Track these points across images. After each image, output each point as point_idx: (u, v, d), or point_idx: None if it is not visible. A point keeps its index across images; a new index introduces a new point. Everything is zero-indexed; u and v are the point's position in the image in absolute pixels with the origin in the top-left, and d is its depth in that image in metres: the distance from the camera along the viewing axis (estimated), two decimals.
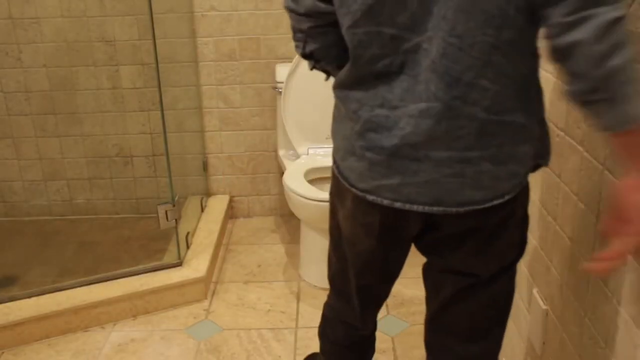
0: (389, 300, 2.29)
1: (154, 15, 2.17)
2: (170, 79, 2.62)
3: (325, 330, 1.53)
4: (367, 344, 1.51)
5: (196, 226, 2.70)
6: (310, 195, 2.19)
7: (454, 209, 1.09)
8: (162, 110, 2.28)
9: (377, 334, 2.10)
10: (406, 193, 1.09)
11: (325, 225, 2.23)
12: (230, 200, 3.00)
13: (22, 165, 2.94)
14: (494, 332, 1.32)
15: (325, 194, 2.35)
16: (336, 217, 1.31)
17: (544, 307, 1.48)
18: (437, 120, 1.00)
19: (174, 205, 2.32)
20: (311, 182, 2.44)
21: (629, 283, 1.07)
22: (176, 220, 2.34)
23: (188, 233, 2.52)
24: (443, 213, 1.10)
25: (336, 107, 1.18)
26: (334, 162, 1.22)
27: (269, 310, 2.27)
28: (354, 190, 1.15)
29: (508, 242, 1.20)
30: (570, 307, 1.32)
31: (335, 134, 1.19)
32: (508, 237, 1.19)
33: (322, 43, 1.19)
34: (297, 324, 2.19)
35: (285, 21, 2.69)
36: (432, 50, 0.98)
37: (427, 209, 1.09)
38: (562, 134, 1.35)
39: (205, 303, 2.32)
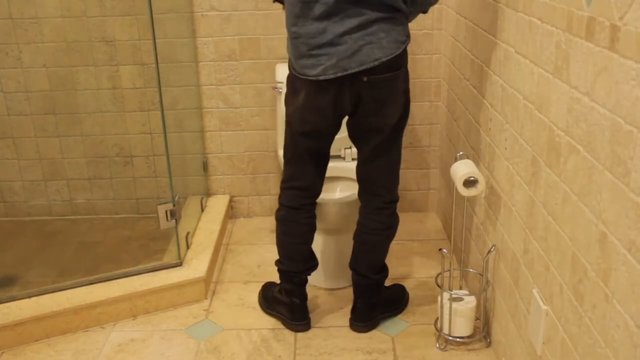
0: None
1: (154, 15, 2.17)
2: (170, 79, 2.62)
3: (280, 200, 2.08)
4: (313, 207, 2.09)
5: (196, 226, 2.70)
6: None
7: (371, 64, 1.76)
8: (162, 110, 2.28)
9: (377, 334, 2.11)
10: (342, 65, 1.77)
11: (324, 225, 2.24)
12: (230, 200, 3.00)
13: (22, 165, 2.94)
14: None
15: (323, 195, 2.35)
16: (295, 104, 1.91)
17: (544, 307, 1.48)
18: (354, 18, 1.73)
19: (174, 205, 2.32)
20: None
21: (629, 283, 1.07)
22: (176, 220, 2.34)
23: (188, 233, 2.51)
24: (366, 69, 1.77)
25: (288, 32, 1.84)
26: (290, 66, 1.88)
27: None
28: (310, 78, 1.80)
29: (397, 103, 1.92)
30: (570, 307, 1.33)
31: (289, 48, 1.86)
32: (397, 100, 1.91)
33: None
34: None
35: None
36: None
37: (358, 69, 1.77)
38: (562, 134, 1.35)
39: (205, 303, 2.32)
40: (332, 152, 2.19)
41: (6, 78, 2.80)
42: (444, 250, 2.05)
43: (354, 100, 1.85)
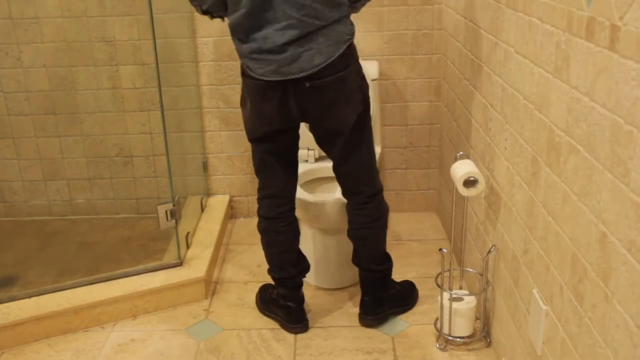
0: None
1: (154, 15, 2.17)
2: (170, 79, 2.62)
3: (258, 212, 2.10)
4: (291, 214, 2.09)
5: (196, 226, 2.70)
6: (307, 197, 2.20)
7: (311, 70, 1.77)
8: (162, 110, 2.28)
9: (377, 334, 2.11)
10: (282, 71, 1.78)
11: (323, 224, 2.24)
12: (230, 200, 3.00)
13: (22, 165, 2.94)
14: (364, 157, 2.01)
15: (324, 195, 2.36)
16: (246, 112, 1.96)
17: (544, 307, 1.48)
18: (294, 28, 1.74)
19: (174, 205, 2.32)
20: (309, 183, 2.44)
21: (629, 283, 1.07)
22: (176, 220, 2.34)
23: (188, 233, 2.51)
24: (307, 75, 1.78)
25: (232, 37, 1.86)
26: (243, 68, 1.88)
27: None
28: (254, 75, 1.82)
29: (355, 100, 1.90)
30: (570, 307, 1.33)
31: (239, 51, 1.87)
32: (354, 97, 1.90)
33: (211, 2, 1.84)
34: None
35: None
36: None
37: (297, 75, 1.79)
38: (562, 134, 1.35)
39: (205, 303, 2.32)
40: None
41: (6, 78, 2.80)
42: (444, 250, 2.05)
43: (301, 107, 1.86)
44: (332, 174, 2.39)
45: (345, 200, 2.19)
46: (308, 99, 1.84)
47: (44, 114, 2.86)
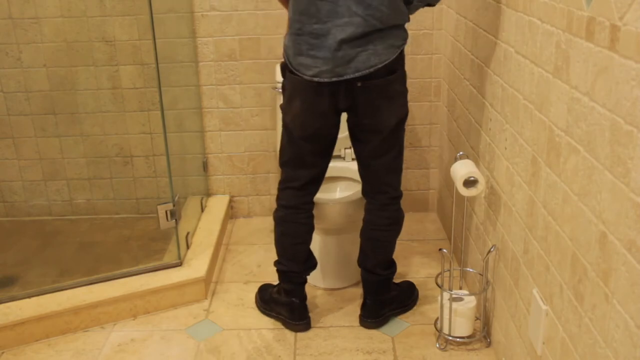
0: None
1: (154, 15, 2.17)
2: (170, 79, 2.62)
3: (278, 200, 2.10)
4: (311, 207, 2.10)
5: (196, 226, 2.70)
6: None
7: (366, 71, 1.80)
8: (162, 110, 2.28)
9: (377, 333, 2.11)
10: (337, 71, 1.80)
11: (323, 224, 2.24)
12: (230, 200, 3.00)
13: (22, 165, 2.94)
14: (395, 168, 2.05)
15: (324, 195, 2.35)
16: (294, 110, 1.92)
17: (544, 307, 1.48)
18: (356, 26, 1.77)
19: (174, 205, 2.32)
20: None
21: (629, 283, 1.07)
22: (176, 220, 2.34)
23: (188, 233, 2.52)
24: (361, 75, 1.80)
25: (289, 27, 1.87)
26: (286, 63, 1.88)
27: None
28: (305, 77, 1.83)
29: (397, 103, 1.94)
30: (570, 307, 1.33)
31: (288, 44, 1.88)
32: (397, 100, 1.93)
33: None
34: None
35: (285, 21, 2.69)
36: None
37: (352, 76, 1.81)
38: (562, 134, 1.35)
39: (205, 303, 2.32)
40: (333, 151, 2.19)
41: (6, 78, 2.80)
42: (444, 250, 2.05)
43: (349, 102, 1.88)
44: (332, 174, 2.40)
45: (345, 201, 2.19)
46: (357, 98, 1.86)
47: (44, 114, 2.86)
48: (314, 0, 1.77)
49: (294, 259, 2.11)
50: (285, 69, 1.92)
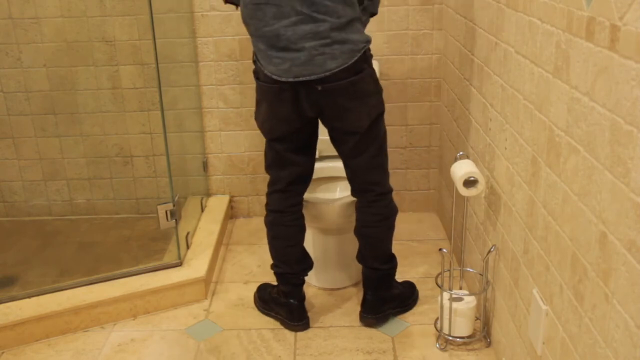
0: None
1: (154, 15, 2.17)
2: (170, 79, 2.62)
3: (266, 206, 2.12)
4: (298, 208, 2.11)
5: (196, 226, 2.70)
6: (307, 197, 2.19)
7: (322, 74, 1.78)
8: (162, 110, 2.28)
9: (377, 333, 2.11)
10: (294, 71, 1.79)
11: (323, 224, 2.23)
12: (230, 200, 3.00)
13: (22, 165, 2.94)
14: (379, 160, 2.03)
15: (324, 195, 2.36)
16: (262, 114, 1.96)
17: (544, 307, 1.48)
18: (305, 23, 1.75)
19: (174, 205, 2.32)
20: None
21: (629, 283, 1.07)
22: (176, 220, 2.34)
23: (188, 233, 2.52)
24: (318, 78, 1.79)
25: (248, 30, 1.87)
26: (255, 72, 1.91)
27: None
28: (267, 74, 1.83)
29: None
30: (570, 307, 1.33)
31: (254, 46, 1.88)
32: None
33: None
34: None
35: None
36: None
37: (309, 78, 1.79)
38: (562, 134, 1.35)
39: (205, 303, 2.32)
40: (332, 152, 2.19)
41: (6, 78, 2.80)
42: (444, 250, 2.05)
43: (314, 107, 1.88)
44: (332, 174, 2.40)
45: (345, 201, 2.19)
46: (321, 101, 1.86)
47: (44, 114, 2.86)
48: (259, 5, 1.78)
49: (288, 262, 2.12)
50: (254, 73, 1.94)
